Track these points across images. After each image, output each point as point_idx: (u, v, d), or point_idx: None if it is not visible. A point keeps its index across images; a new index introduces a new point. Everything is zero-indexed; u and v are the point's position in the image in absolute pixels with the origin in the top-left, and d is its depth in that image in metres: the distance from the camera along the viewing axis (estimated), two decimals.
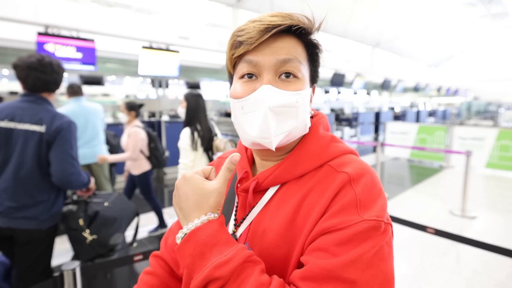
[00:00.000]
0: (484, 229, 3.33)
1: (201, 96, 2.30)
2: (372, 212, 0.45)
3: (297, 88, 0.51)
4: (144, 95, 17.40)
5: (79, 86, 2.92)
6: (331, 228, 0.44)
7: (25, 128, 1.44)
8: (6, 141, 1.44)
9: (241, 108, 0.52)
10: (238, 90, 0.52)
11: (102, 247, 1.57)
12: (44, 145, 1.46)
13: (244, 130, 0.52)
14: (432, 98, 25.81)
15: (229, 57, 0.53)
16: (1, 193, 1.44)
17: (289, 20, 0.50)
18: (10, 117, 1.44)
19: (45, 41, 4.20)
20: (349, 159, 0.53)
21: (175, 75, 5.98)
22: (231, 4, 7.52)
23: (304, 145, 0.55)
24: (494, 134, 4.95)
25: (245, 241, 0.53)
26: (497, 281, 2.35)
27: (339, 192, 0.48)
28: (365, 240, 0.43)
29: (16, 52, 5.87)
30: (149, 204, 3.20)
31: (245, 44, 0.49)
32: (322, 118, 0.60)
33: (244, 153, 0.62)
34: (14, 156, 1.44)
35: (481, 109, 19.18)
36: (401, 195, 4.48)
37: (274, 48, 0.50)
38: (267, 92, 0.49)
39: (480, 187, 4.91)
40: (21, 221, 1.45)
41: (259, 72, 0.51)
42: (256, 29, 0.48)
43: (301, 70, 0.52)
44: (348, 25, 11.04)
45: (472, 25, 15.85)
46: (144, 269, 0.71)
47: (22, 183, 1.45)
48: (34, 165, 1.46)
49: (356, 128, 10.64)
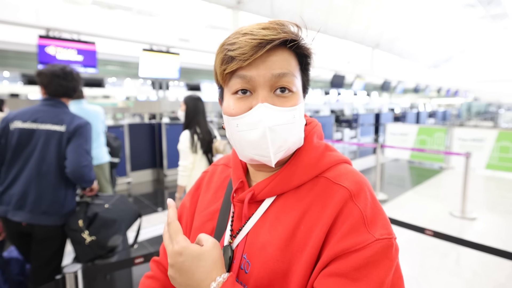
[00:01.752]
0: (484, 231, 3.33)
1: (200, 99, 2.33)
2: (381, 229, 0.46)
3: (293, 104, 0.50)
4: (145, 97, 17.43)
5: (80, 89, 2.93)
6: (346, 251, 0.44)
7: (46, 128, 1.59)
8: (29, 141, 1.58)
9: (236, 126, 0.50)
10: (232, 107, 0.50)
11: (101, 248, 1.59)
12: (64, 142, 1.61)
13: (241, 148, 0.51)
14: (432, 99, 25.83)
15: (220, 72, 0.50)
16: (24, 189, 1.55)
17: (283, 34, 0.47)
18: (32, 118, 1.59)
19: (46, 44, 4.22)
20: (344, 170, 0.53)
21: (175, 77, 6.00)
22: (231, 6, 7.54)
23: (299, 156, 0.54)
24: (494, 135, 4.95)
25: (242, 253, 0.52)
26: (497, 282, 2.35)
27: (343, 210, 0.47)
28: (382, 261, 0.43)
29: (17, 55, 5.91)
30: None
31: (237, 60, 0.47)
32: (316, 126, 0.58)
33: (238, 161, 0.61)
34: (36, 153, 1.57)
35: (481, 110, 19.18)
36: (401, 197, 4.48)
37: (268, 63, 0.48)
38: (264, 111, 0.47)
39: (480, 188, 4.91)
40: (42, 217, 1.56)
41: (253, 88, 0.49)
42: (249, 45, 0.46)
43: (295, 84, 0.50)
44: (348, 27, 11.07)
45: (472, 26, 15.88)
46: (145, 274, 0.72)
47: (43, 179, 1.57)
48: (55, 162, 1.59)
49: (356, 130, 10.66)
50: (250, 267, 0.50)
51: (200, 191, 0.69)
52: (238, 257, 0.53)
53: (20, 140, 1.57)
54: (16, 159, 1.58)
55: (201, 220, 0.62)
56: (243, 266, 0.51)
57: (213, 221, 0.60)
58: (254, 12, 8.07)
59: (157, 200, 4.56)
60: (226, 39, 0.51)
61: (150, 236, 3.25)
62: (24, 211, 1.54)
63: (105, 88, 10.91)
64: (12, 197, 1.54)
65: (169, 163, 5.76)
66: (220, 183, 0.66)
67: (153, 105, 6.58)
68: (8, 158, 1.58)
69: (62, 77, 1.66)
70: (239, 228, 0.55)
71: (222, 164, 0.70)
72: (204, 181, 0.70)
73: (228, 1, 7.41)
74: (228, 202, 0.60)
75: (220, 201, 0.62)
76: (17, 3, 6.98)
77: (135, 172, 5.63)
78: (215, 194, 0.64)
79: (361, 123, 10.95)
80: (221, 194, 0.63)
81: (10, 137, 1.57)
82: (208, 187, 0.67)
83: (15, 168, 1.57)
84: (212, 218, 0.61)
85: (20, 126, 1.57)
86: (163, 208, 4.14)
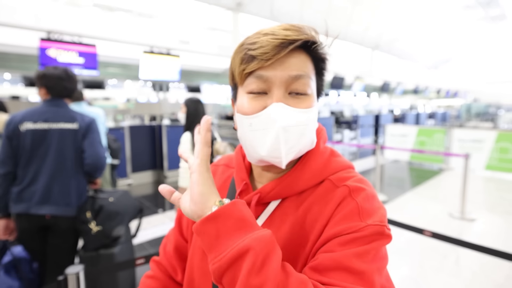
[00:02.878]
0: (484, 231, 3.34)
1: (200, 101, 2.36)
2: (375, 218, 0.47)
3: (308, 106, 0.50)
4: (145, 99, 17.46)
5: (81, 92, 2.95)
6: (337, 235, 0.45)
7: (60, 127, 1.70)
8: (43, 140, 1.67)
9: (249, 125, 0.50)
10: (246, 106, 0.50)
11: (106, 237, 1.73)
12: (80, 138, 1.74)
13: (253, 148, 0.51)
14: (431, 100, 25.86)
15: (239, 71, 0.50)
16: (48, 184, 1.65)
17: (304, 35, 0.48)
18: (43, 119, 1.67)
19: (47, 46, 4.25)
20: (348, 174, 0.54)
21: (175, 79, 6.03)
22: (231, 8, 7.58)
23: (307, 161, 0.54)
24: (493, 136, 4.97)
25: None
26: (496, 283, 2.36)
27: (341, 203, 0.49)
28: (371, 242, 0.45)
29: (19, 58, 5.93)
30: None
31: (259, 60, 0.47)
32: (322, 131, 0.59)
33: (241, 162, 0.61)
34: (53, 151, 1.67)
35: (480, 111, 19.19)
36: (400, 198, 4.49)
37: (286, 64, 0.48)
38: (279, 110, 0.47)
39: (480, 189, 4.92)
40: (65, 208, 1.68)
41: (269, 88, 0.49)
42: (271, 44, 0.46)
43: (311, 86, 0.51)
44: (347, 28, 11.11)
45: (471, 28, 15.92)
46: (145, 273, 0.73)
47: (64, 173, 1.69)
48: (72, 157, 1.72)
49: (356, 131, 10.67)
50: None
51: None
52: None
53: (34, 140, 1.65)
54: (33, 158, 1.66)
55: None
56: None
57: None
58: (254, 14, 8.11)
59: (157, 201, 4.57)
60: (246, 39, 0.50)
61: (151, 238, 3.26)
62: (50, 204, 1.65)
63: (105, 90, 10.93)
64: (34, 193, 1.63)
65: (169, 165, 5.77)
66: (222, 184, 0.66)
67: (154, 107, 6.60)
68: (25, 158, 1.65)
69: (66, 79, 1.75)
70: None
71: (223, 164, 0.71)
72: None
73: (228, 3, 7.45)
74: None
75: None
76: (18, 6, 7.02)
77: (136, 173, 5.64)
78: None
79: (361, 124, 10.96)
80: (223, 195, 0.64)
81: (23, 138, 1.64)
82: None
83: (33, 167, 1.65)
84: None
85: (32, 127, 1.65)
86: (163, 210, 4.16)
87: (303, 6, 8.87)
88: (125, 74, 7.78)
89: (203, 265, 0.59)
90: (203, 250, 0.59)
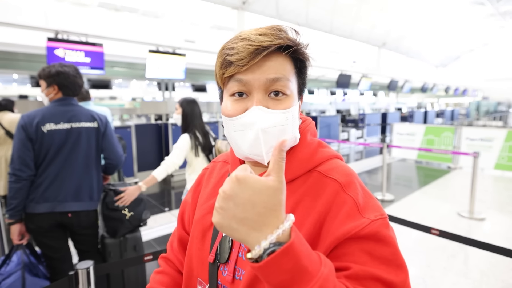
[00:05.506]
0: (493, 231, 3.29)
1: (196, 102, 2.32)
2: (374, 211, 0.50)
3: (287, 106, 0.53)
4: (151, 98, 17.58)
5: (87, 91, 2.98)
6: (347, 235, 0.48)
7: (84, 126, 1.73)
8: (67, 139, 1.69)
9: (233, 126, 0.54)
10: (229, 108, 0.54)
11: (138, 221, 1.93)
12: (101, 136, 1.80)
13: (237, 146, 0.55)
14: (440, 99, 25.53)
15: (219, 75, 0.54)
16: (77, 182, 1.71)
17: (278, 40, 0.50)
18: (66, 119, 1.69)
19: (55, 46, 4.30)
20: (335, 164, 0.57)
21: (181, 78, 6.05)
22: (236, 7, 7.57)
23: (294, 152, 0.58)
24: (503, 135, 4.89)
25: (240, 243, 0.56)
26: (505, 283, 2.32)
27: (335, 200, 0.52)
28: (383, 239, 0.48)
29: (27, 57, 6.02)
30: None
31: (235, 65, 0.51)
32: (309, 124, 0.62)
33: (236, 158, 0.64)
34: (79, 149, 1.72)
35: (490, 109, 18.90)
36: (408, 197, 4.45)
37: (264, 67, 0.51)
38: (258, 113, 0.51)
39: (489, 189, 4.84)
40: (89, 203, 1.76)
41: (249, 91, 0.53)
42: (246, 50, 0.49)
43: (289, 87, 0.53)
44: (353, 26, 11.02)
45: (481, 24, 15.66)
46: (155, 270, 0.75)
47: (90, 171, 1.76)
48: (95, 155, 1.79)
49: (362, 130, 10.59)
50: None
51: (201, 187, 0.73)
52: (237, 245, 0.57)
53: (58, 140, 1.67)
54: (56, 158, 1.67)
55: (201, 213, 0.66)
56: (241, 254, 0.56)
57: (212, 214, 0.63)
58: (259, 13, 8.09)
59: (163, 200, 4.60)
60: (225, 43, 0.54)
61: (157, 236, 3.28)
62: (76, 201, 1.71)
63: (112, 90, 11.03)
64: (59, 192, 1.67)
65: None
66: (219, 178, 0.69)
67: (159, 105, 6.64)
68: (48, 159, 1.66)
69: (78, 76, 1.76)
70: None
71: (221, 161, 0.74)
72: (205, 177, 0.74)
73: (233, 2, 7.45)
74: None
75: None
76: (26, 6, 7.12)
77: (142, 172, 5.69)
78: (214, 188, 0.68)
79: (368, 123, 10.87)
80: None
81: (46, 139, 1.64)
82: (208, 183, 0.71)
83: (56, 166, 1.67)
84: (211, 211, 0.64)
85: (54, 128, 1.66)
86: (170, 208, 4.18)
87: (308, 4, 8.81)
88: (131, 73, 7.84)
89: (200, 254, 0.62)
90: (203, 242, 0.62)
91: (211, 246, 0.60)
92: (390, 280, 0.46)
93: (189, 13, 10.51)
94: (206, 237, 0.62)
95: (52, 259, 1.75)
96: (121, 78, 11.58)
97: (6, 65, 6.29)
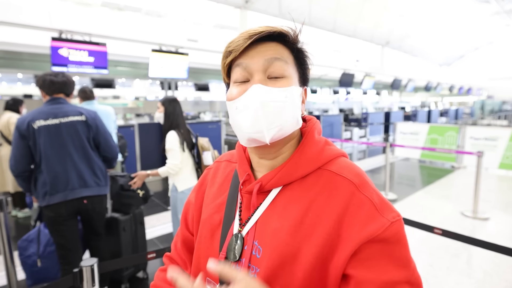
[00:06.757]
0: (497, 231, 3.27)
1: (177, 100, 2.39)
2: (390, 211, 0.53)
3: (285, 85, 0.55)
4: (154, 97, 17.64)
5: (91, 90, 3.00)
6: (369, 238, 0.50)
7: (72, 120, 1.86)
8: (58, 133, 1.82)
9: (236, 108, 0.56)
10: (233, 92, 0.57)
11: (149, 197, 2.36)
12: (90, 128, 1.92)
13: (239, 128, 0.57)
14: (443, 98, 25.35)
15: (222, 66, 0.59)
16: (79, 170, 1.85)
17: (271, 28, 0.55)
18: (52, 116, 1.82)
19: (59, 46, 4.33)
20: (343, 163, 0.59)
21: (184, 77, 6.06)
22: (239, 6, 7.57)
23: (303, 149, 0.59)
24: (507, 134, 4.84)
25: (253, 239, 0.56)
26: (509, 283, 2.31)
27: (352, 200, 0.53)
28: (401, 240, 0.52)
29: (31, 57, 6.07)
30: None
31: (233, 52, 0.55)
32: (316, 123, 0.64)
33: (243, 154, 0.65)
34: (72, 141, 1.85)
35: (495, 108, 18.73)
36: (411, 196, 4.43)
37: (261, 51, 0.55)
38: (257, 89, 0.54)
39: (493, 188, 4.81)
40: (97, 188, 1.94)
41: (251, 75, 0.56)
42: (242, 38, 0.55)
43: (287, 69, 0.56)
44: (357, 25, 10.97)
45: (486, 22, 15.52)
46: (159, 268, 0.76)
47: (86, 159, 1.90)
48: (89, 145, 1.93)
49: (365, 129, 10.54)
50: (261, 252, 0.54)
51: (204, 187, 0.73)
52: (250, 243, 0.57)
53: (50, 134, 1.79)
54: (53, 151, 1.79)
55: (209, 212, 0.66)
56: (254, 252, 0.56)
57: (220, 213, 0.64)
58: (261, 11, 8.09)
59: (166, 198, 4.62)
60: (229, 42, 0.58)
61: (160, 234, 3.30)
62: (85, 187, 1.87)
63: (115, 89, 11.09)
64: (68, 181, 1.82)
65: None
66: (225, 178, 0.70)
67: None
68: (45, 153, 1.77)
69: (54, 76, 1.93)
70: (247, 217, 0.59)
71: (225, 160, 0.74)
72: (208, 177, 0.74)
73: (236, 1, 7.45)
74: (234, 194, 0.64)
75: (225, 194, 0.66)
76: (30, 6, 7.16)
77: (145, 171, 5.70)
78: (220, 187, 0.68)
79: (371, 122, 10.81)
80: (226, 187, 0.67)
81: (38, 135, 1.76)
82: (213, 182, 0.71)
83: (56, 158, 1.80)
84: (219, 210, 0.64)
85: (44, 123, 1.78)
86: None
87: (311, 2, 8.78)
88: (134, 73, 7.87)
89: (210, 253, 0.62)
90: (212, 241, 0.63)
91: (221, 245, 0.60)
92: (414, 279, 0.51)
93: (192, 12, 10.52)
94: (215, 236, 0.62)
95: (65, 248, 1.89)
96: (124, 77, 11.63)
97: (11, 64, 6.35)
